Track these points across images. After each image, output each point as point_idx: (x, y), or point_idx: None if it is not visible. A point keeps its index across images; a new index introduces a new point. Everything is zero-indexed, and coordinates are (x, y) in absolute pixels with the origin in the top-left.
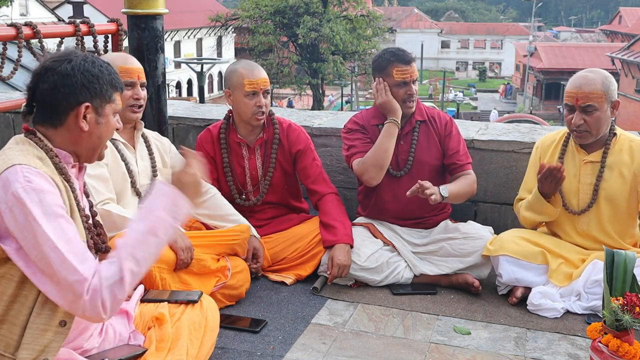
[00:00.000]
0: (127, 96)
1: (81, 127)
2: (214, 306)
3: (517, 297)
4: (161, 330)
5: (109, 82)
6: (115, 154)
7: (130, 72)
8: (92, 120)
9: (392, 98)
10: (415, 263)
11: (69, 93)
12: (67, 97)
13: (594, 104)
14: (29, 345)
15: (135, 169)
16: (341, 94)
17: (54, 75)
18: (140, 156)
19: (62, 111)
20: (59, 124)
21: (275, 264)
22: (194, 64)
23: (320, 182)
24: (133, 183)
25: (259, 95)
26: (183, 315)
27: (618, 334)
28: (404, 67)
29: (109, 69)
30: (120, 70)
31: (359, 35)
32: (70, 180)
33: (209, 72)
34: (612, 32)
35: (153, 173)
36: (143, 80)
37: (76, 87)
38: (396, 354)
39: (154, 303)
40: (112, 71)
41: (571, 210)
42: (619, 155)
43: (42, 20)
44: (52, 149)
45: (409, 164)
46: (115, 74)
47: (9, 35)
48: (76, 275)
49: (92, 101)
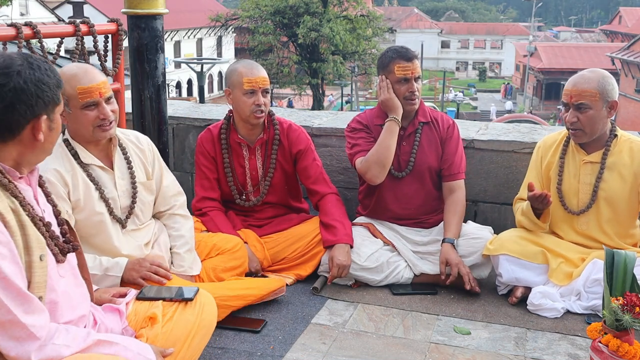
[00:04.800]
0: (92, 117)
1: (38, 139)
2: (211, 302)
3: (517, 297)
4: (153, 331)
5: (55, 84)
6: (87, 183)
7: (90, 92)
8: (46, 129)
9: (394, 96)
10: (416, 262)
11: (26, 109)
12: (24, 113)
13: (586, 102)
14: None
15: (114, 194)
16: (341, 94)
17: (9, 93)
18: (120, 175)
19: (16, 127)
20: (11, 138)
21: (275, 264)
22: (194, 64)
23: (320, 183)
24: (111, 211)
25: (257, 94)
26: (175, 314)
27: (618, 334)
28: (405, 64)
29: (50, 68)
30: (79, 92)
31: (359, 35)
32: (19, 195)
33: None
34: (612, 32)
35: (133, 190)
36: (108, 94)
37: (32, 101)
38: (396, 354)
39: (149, 301)
40: (52, 68)
41: (571, 210)
42: (618, 156)
43: (42, 20)
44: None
45: (411, 165)
46: (54, 70)
47: (9, 35)
48: (9, 315)
49: (47, 111)
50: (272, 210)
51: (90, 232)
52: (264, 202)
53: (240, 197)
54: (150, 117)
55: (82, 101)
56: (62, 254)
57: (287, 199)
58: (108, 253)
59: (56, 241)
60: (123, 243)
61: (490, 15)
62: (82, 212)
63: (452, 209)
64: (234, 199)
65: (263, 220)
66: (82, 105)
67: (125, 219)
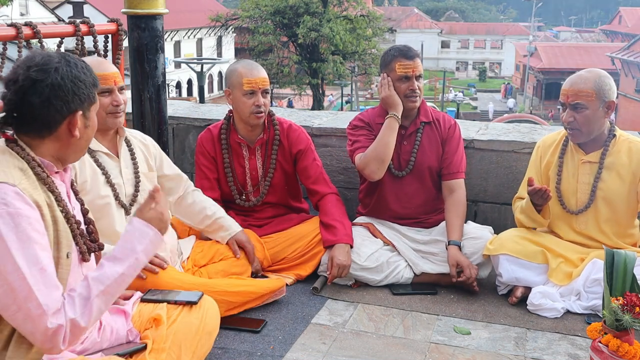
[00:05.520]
0: (105, 103)
1: (75, 135)
2: (214, 307)
3: (517, 297)
4: (157, 332)
5: (92, 83)
6: (94, 168)
7: (106, 79)
8: (82, 126)
9: (394, 93)
10: (416, 261)
11: (62, 105)
12: (61, 109)
13: (582, 102)
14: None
15: (119, 181)
16: (341, 94)
17: (46, 88)
18: (125, 164)
19: (54, 123)
20: (48, 134)
21: (275, 263)
22: (194, 64)
23: (320, 183)
24: (117, 196)
25: (257, 94)
26: (179, 317)
27: (618, 334)
28: (407, 62)
29: (87, 67)
30: None
31: (359, 35)
32: (56, 190)
33: (209, 72)
34: (612, 32)
35: (136, 179)
36: (121, 84)
37: (68, 97)
38: (396, 354)
39: (153, 303)
40: (88, 67)
41: (569, 209)
42: (617, 156)
43: (42, 20)
44: (34, 158)
45: (411, 165)
46: (91, 69)
47: (9, 35)
48: (39, 309)
49: (82, 107)
50: (272, 210)
51: (95, 216)
52: (264, 202)
53: (240, 197)
54: (150, 117)
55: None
56: (88, 253)
57: (287, 199)
58: (110, 238)
59: (85, 239)
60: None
61: (490, 15)
62: (87, 194)
63: (454, 210)
64: (234, 199)
65: (263, 220)
66: (98, 91)
67: (129, 206)
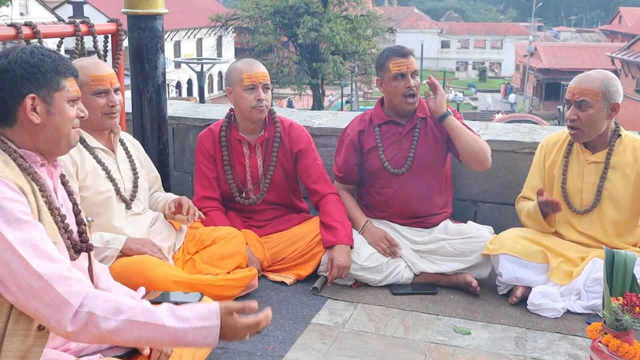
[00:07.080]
0: (102, 104)
1: (32, 120)
2: None
3: (517, 297)
4: None
5: (52, 69)
6: (94, 164)
7: (102, 80)
8: (42, 112)
9: None
10: (415, 261)
11: (10, 88)
12: (10, 93)
13: (587, 100)
14: (9, 352)
15: (117, 176)
16: (341, 94)
17: None
18: (121, 160)
19: (9, 108)
20: (12, 122)
21: (275, 264)
22: (194, 64)
23: (321, 182)
24: (117, 190)
25: (258, 89)
26: None
27: (618, 334)
28: (400, 60)
29: (52, 56)
30: (92, 79)
31: (359, 35)
32: (39, 180)
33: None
34: (612, 32)
35: (134, 175)
36: (117, 85)
37: (16, 81)
38: (396, 354)
39: (153, 304)
40: (57, 58)
41: (574, 209)
42: (622, 155)
43: (42, 20)
44: (16, 151)
45: (410, 161)
46: (62, 59)
47: (9, 35)
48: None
49: (37, 92)
50: (272, 210)
51: (95, 211)
52: (264, 201)
53: (240, 195)
54: (150, 117)
55: (94, 87)
56: (75, 251)
57: (287, 198)
58: (108, 232)
59: (69, 235)
60: (125, 225)
61: (490, 15)
62: (89, 189)
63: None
64: (234, 197)
65: (263, 221)
66: (94, 91)
67: (130, 200)
